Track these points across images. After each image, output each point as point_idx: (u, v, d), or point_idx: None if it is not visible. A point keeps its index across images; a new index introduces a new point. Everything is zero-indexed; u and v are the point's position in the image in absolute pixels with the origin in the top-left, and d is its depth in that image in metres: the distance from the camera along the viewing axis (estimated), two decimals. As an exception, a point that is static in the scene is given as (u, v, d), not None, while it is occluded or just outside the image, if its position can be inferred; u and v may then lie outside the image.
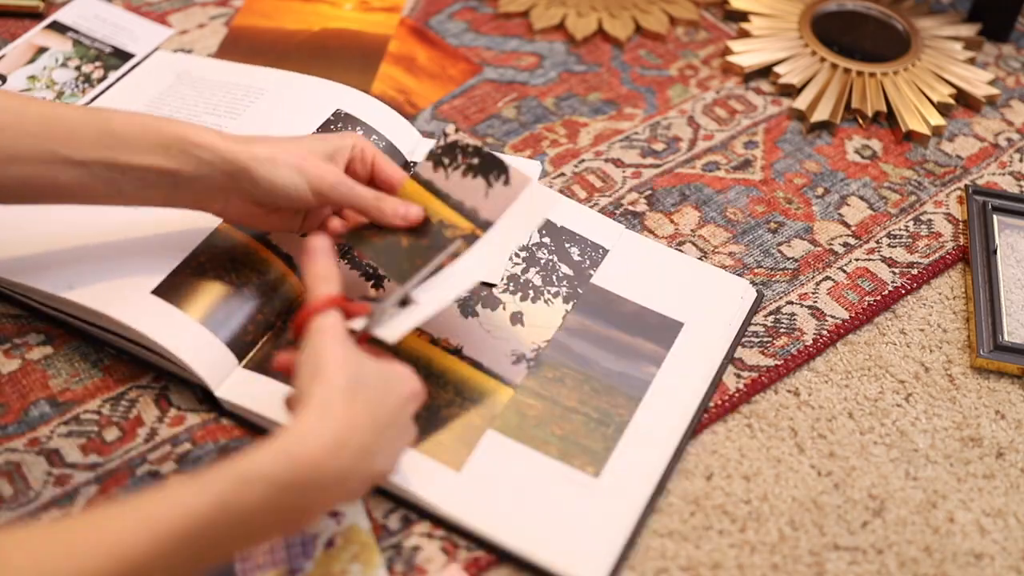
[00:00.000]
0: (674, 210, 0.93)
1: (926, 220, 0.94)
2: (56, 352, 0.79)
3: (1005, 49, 1.11)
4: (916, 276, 0.89)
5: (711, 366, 0.80)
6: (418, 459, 0.73)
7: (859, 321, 0.86)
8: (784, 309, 0.86)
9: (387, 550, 0.71)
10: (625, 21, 1.10)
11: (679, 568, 0.71)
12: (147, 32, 1.04)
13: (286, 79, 0.96)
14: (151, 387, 0.78)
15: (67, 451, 0.74)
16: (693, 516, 0.74)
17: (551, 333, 0.81)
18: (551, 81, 1.04)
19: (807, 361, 0.83)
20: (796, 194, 0.95)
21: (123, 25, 1.04)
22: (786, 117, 1.02)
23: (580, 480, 0.73)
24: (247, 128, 0.91)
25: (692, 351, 0.81)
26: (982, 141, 1.01)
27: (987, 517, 0.76)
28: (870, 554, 0.73)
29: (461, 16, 1.10)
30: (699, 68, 1.06)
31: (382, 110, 0.94)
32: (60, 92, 0.97)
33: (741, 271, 0.88)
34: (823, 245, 0.91)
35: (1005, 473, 0.78)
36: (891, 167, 0.98)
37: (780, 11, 1.11)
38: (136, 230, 0.81)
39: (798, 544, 0.73)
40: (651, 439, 0.76)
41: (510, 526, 0.71)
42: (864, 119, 1.02)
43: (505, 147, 0.97)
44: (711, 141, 0.99)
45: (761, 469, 0.77)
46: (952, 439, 0.80)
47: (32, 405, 0.76)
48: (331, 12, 1.09)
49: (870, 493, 0.76)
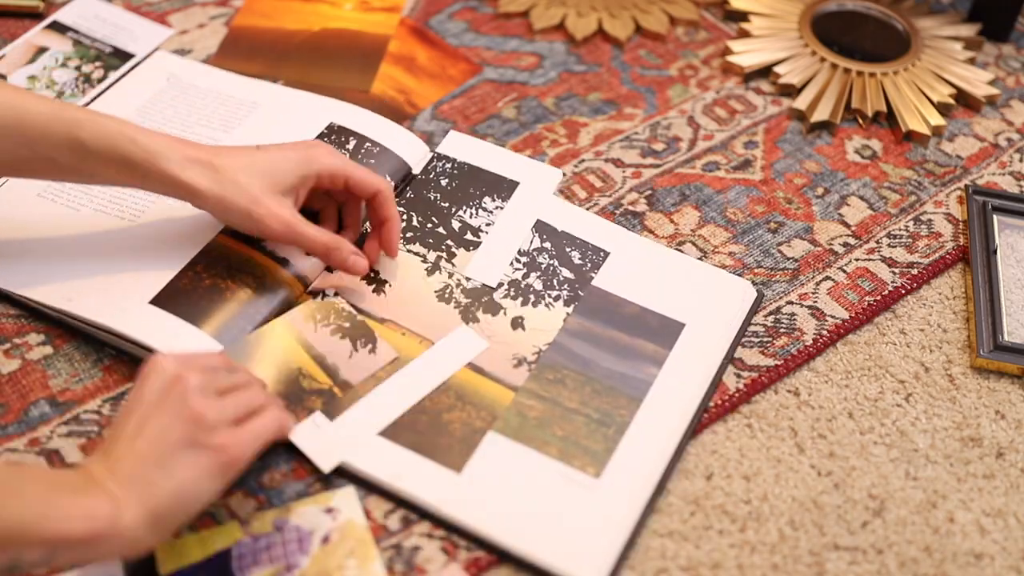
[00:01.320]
0: (674, 210, 0.93)
1: (926, 220, 0.94)
2: (56, 352, 0.79)
3: (1005, 49, 1.11)
4: (916, 276, 0.89)
5: (712, 366, 0.80)
6: (419, 461, 0.73)
7: (859, 321, 0.86)
8: (784, 309, 0.86)
9: (387, 550, 0.71)
10: (625, 21, 1.10)
11: (679, 568, 0.71)
12: (147, 32, 1.04)
13: (280, 93, 0.97)
14: (151, 387, 0.78)
15: (67, 451, 0.74)
16: (693, 516, 0.74)
17: (552, 336, 0.81)
18: (551, 81, 1.04)
19: (807, 361, 0.83)
20: (796, 194, 0.95)
21: (123, 25, 1.04)
22: (786, 117, 1.02)
23: (581, 481, 0.73)
24: (241, 141, 0.91)
25: (693, 352, 0.81)
26: (982, 141, 1.01)
27: (987, 517, 0.76)
28: (870, 554, 0.73)
29: (461, 16, 1.10)
30: (699, 68, 1.06)
31: (378, 121, 0.94)
32: (60, 92, 0.97)
33: (741, 271, 0.88)
34: (823, 245, 0.91)
35: (1005, 473, 0.78)
36: (891, 167, 0.98)
37: (780, 11, 1.11)
38: (134, 241, 0.81)
39: (798, 544, 0.73)
40: (652, 440, 0.76)
41: (510, 527, 0.71)
42: (864, 119, 1.02)
43: (505, 147, 0.97)
44: (711, 141, 0.99)
45: (761, 469, 0.77)
46: (952, 439, 0.80)
47: (32, 405, 0.76)
48: (331, 12, 1.09)
49: (870, 493, 0.76)
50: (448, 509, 0.72)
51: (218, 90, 0.96)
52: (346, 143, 0.91)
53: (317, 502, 0.72)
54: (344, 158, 0.81)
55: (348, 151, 0.90)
